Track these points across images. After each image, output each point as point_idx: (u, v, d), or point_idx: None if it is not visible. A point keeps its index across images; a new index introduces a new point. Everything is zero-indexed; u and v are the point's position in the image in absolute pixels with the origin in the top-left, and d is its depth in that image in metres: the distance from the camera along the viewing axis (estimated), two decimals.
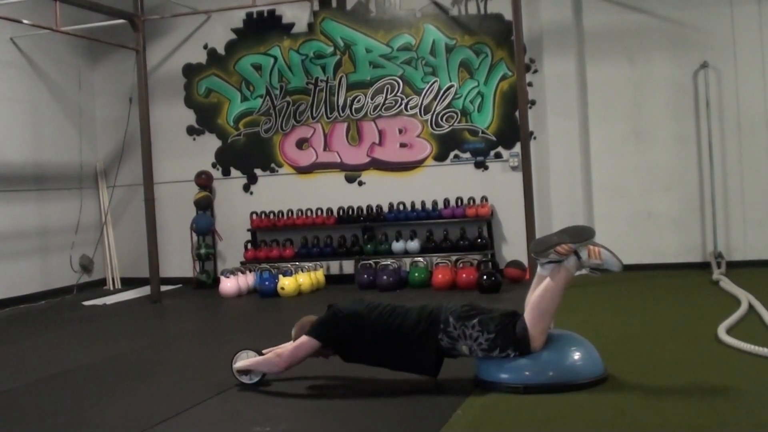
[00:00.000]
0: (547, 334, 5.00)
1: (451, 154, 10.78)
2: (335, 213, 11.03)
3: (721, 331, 6.10)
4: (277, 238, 11.25)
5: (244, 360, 5.51)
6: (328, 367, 5.78)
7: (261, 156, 11.47)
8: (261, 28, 11.40)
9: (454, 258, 10.19)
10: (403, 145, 10.96)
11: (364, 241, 10.81)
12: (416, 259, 10.37)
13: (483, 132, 10.64)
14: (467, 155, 10.72)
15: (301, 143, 11.31)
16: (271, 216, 11.29)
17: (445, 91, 10.73)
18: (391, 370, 5.35)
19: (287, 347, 5.38)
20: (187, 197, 11.49)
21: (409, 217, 10.70)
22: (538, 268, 5.23)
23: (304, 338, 5.28)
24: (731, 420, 4.25)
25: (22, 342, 8.03)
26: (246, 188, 11.59)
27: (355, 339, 5.25)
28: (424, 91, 10.80)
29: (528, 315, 5.00)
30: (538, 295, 5.05)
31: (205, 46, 11.64)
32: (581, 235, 5.12)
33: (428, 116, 10.81)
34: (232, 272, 10.49)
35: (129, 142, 11.74)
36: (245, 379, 5.51)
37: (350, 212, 10.97)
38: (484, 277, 9.39)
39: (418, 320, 5.16)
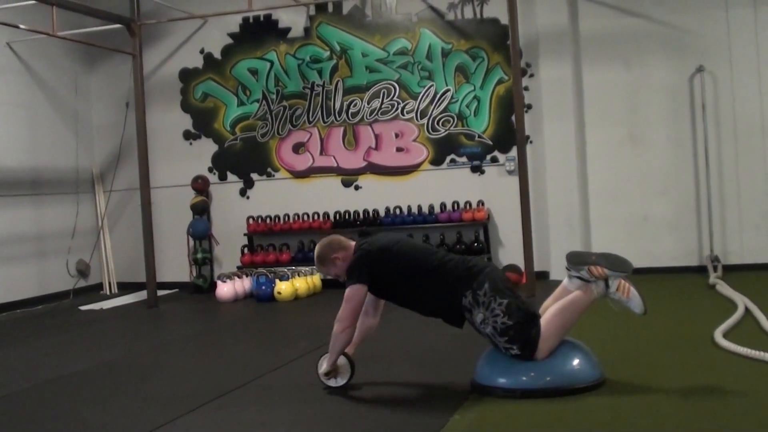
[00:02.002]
0: (553, 350, 4.98)
1: (448, 159, 10.78)
2: (332, 217, 11.03)
3: (718, 335, 6.10)
4: (273, 243, 11.24)
5: (324, 362, 5.38)
6: None
7: (257, 160, 11.47)
8: (257, 32, 11.41)
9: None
10: (399, 150, 10.96)
11: None
12: None
13: (479, 136, 10.65)
14: (464, 159, 10.73)
15: (298, 148, 11.31)
16: (268, 220, 11.28)
17: (441, 96, 10.74)
18: (418, 312, 5.30)
19: (340, 310, 5.22)
20: (184, 202, 11.49)
21: (405, 222, 10.70)
22: (565, 279, 5.24)
23: (349, 289, 5.16)
24: (728, 423, 4.25)
25: (18, 347, 8.02)
26: (242, 193, 11.58)
27: (388, 273, 5.17)
28: (421, 95, 10.81)
29: (544, 325, 4.99)
30: (558, 309, 5.05)
31: (202, 51, 11.64)
32: (619, 266, 5.14)
33: (424, 120, 10.82)
34: (229, 277, 10.48)
35: (125, 147, 11.73)
36: (333, 383, 5.37)
37: (347, 216, 10.97)
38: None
39: (456, 268, 5.12)
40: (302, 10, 11.14)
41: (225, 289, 10.31)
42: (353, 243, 5.39)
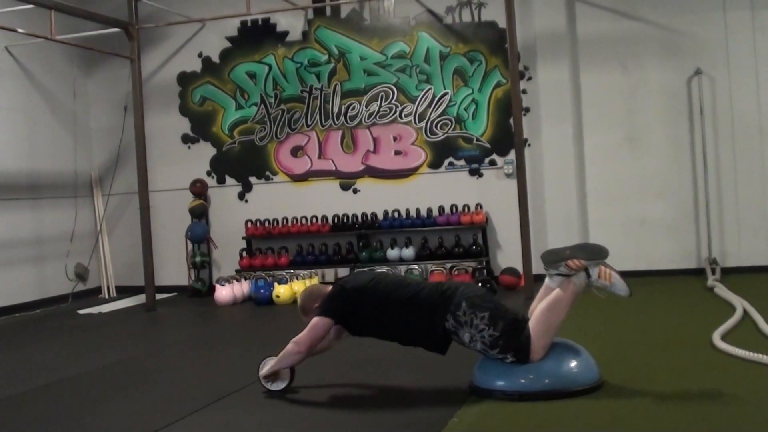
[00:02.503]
0: (547, 349, 4.99)
1: (446, 162, 10.79)
2: (330, 221, 11.04)
3: (716, 338, 6.11)
4: (272, 246, 11.24)
5: (267, 366, 5.46)
6: (324, 374, 5.79)
7: (256, 164, 11.47)
8: (255, 36, 11.42)
9: (449, 265, 10.20)
10: (397, 153, 10.97)
11: (359, 249, 10.81)
12: (411, 266, 10.37)
13: (477, 139, 10.66)
14: (462, 162, 10.74)
15: (296, 151, 11.32)
16: (266, 224, 11.29)
17: (439, 99, 10.75)
18: (399, 344, 5.32)
19: (301, 333, 5.29)
20: (182, 205, 11.50)
21: (404, 225, 10.71)
22: (546, 279, 5.23)
23: (315, 319, 5.22)
24: (726, 426, 4.26)
25: (17, 351, 8.01)
26: (241, 196, 11.59)
27: (364, 311, 5.20)
28: (419, 98, 10.82)
29: (533, 327, 4.99)
30: (545, 308, 5.04)
31: (200, 55, 11.65)
32: (595, 253, 5.13)
33: (423, 124, 10.83)
34: (227, 280, 10.49)
35: (124, 151, 11.74)
36: (272, 386, 5.45)
37: (345, 220, 10.98)
38: (479, 284, 9.40)
39: (430, 296, 5.13)
40: (300, 13, 11.15)
41: (223, 293, 10.31)
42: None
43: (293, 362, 5.35)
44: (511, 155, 10.15)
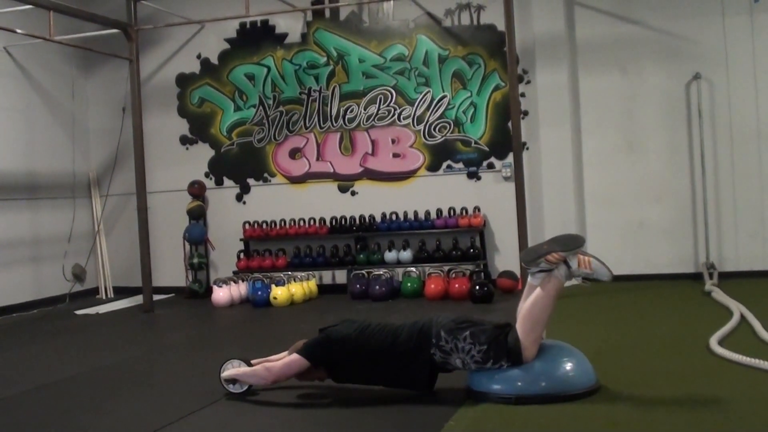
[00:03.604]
0: (539, 344, 5.00)
1: (444, 165, 10.79)
2: (328, 223, 11.03)
3: (713, 342, 6.11)
4: (269, 248, 11.24)
5: (232, 370, 5.53)
6: None
7: (254, 166, 11.47)
8: (254, 38, 11.42)
9: (446, 268, 10.20)
10: (395, 156, 10.97)
11: (356, 251, 10.81)
12: (409, 269, 10.36)
13: (476, 142, 10.66)
14: (460, 165, 10.74)
15: (294, 153, 11.32)
16: (264, 226, 11.28)
17: (437, 102, 10.76)
18: (385, 387, 5.35)
19: (277, 363, 5.39)
20: (180, 207, 11.49)
21: (401, 227, 10.70)
22: (529, 278, 5.24)
23: (294, 356, 5.30)
24: (723, 430, 4.25)
25: (14, 351, 8.00)
26: (239, 198, 11.58)
27: (346, 361, 5.26)
28: (417, 101, 10.82)
29: (520, 325, 5.01)
30: (530, 304, 5.06)
31: (199, 56, 11.65)
32: (571, 243, 5.12)
33: (421, 126, 10.83)
34: (225, 282, 10.48)
35: (122, 152, 11.74)
36: (232, 388, 5.53)
37: (343, 222, 10.97)
38: (477, 287, 9.40)
39: (410, 337, 5.17)
40: (299, 15, 11.15)
41: (221, 294, 10.31)
42: None
43: (256, 384, 5.46)
44: (510, 158, 10.16)
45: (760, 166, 9.84)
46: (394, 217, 10.81)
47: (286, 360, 5.34)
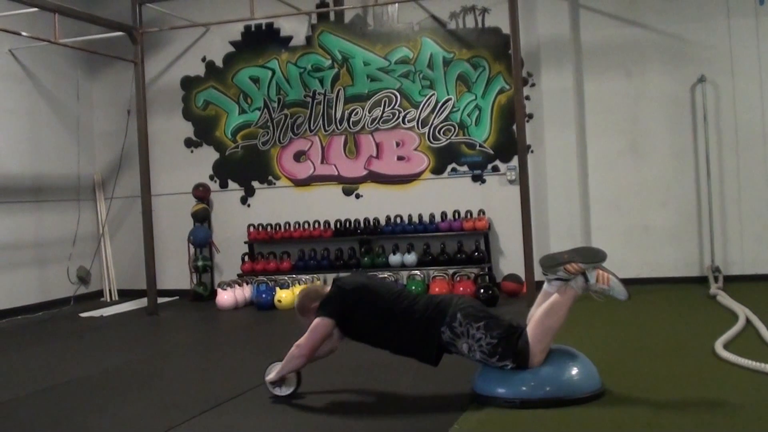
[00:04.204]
0: (546, 353, 4.98)
1: (449, 168, 10.79)
2: (332, 226, 11.03)
3: (719, 346, 6.09)
4: (274, 251, 11.24)
5: (274, 370, 5.45)
6: (325, 379, 5.78)
7: (258, 168, 11.47)
8: (259, 40, 11.43)
9: (451, 271, 10.18)
10: (400, 158, 10.97)
11: (361, 254, 10.80)
12: (413, 272, 10.35)
13: (480, 145, 10.65)
14: (465, 168, 10.73)
15: (299, 156, 11.32)
16: (269, 228, 11.29)
17: (442, 105, 10.75)
18: (392, 353, 5.32)
19: (303, 337, 5.30)
20: (185, 209, 11.49)
21: (406, 230, 10.69)
22: (545, 284, 5.22)
23: (316, 321, 5.22)
24: None
25: (18, 353, 8.01)
26: (243, 201, 11.59)
27: (361, 313, 5.20)
28: (422, 104, 10.82)
29: (531, 331, 4.99)
30: (543, 312, 5.04)
31: (203, 59, 11.66)
32: (592, 257, 5.11)
33: (426, 129, 10.82)
34: (229, 284, 10.48)
35: (127, 154, 11.74)
36: (278, 392, 5.44)
37: (347, 225, 10.97)
38: (481, 290, 9.39)
39: (426, 307, 5.14)
40: (304, 18, 11.16)
41: (225, 297, 10.31)
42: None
43: (297, 366, 5.34)
44: (514, 161, 10.15)
45: (766, 170, 9.82)
46: (398, 220, 10.81)
47: (309, 329, 5.25)
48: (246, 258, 11.24)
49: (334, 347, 5.64)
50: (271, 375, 5.44)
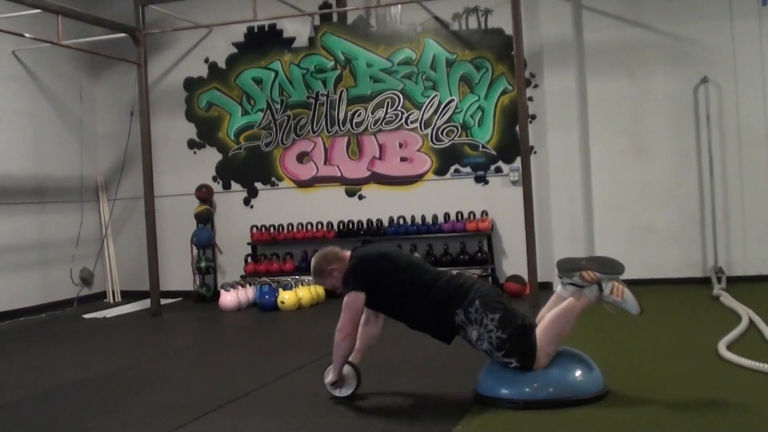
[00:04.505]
0: (552, 357, 4.97)
1: (452, 169, 10.79)
2: (335, 227, 11.03)
3: (722, 347, 6.09)
4: (277, 252, 11.25)
5: (331, 372, 5.38)
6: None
7: (261, 170, 11.48)
8: (262, 42, 11.43)
9: (454, 272, 10.14)
10: (403, 159, 10.97)
11: None
12: None
13: (483, 146, 10.66)
14: (467, 169, 10.73)
15: (302, 157, 11.32)
16: (272, 230, 11.29)
17: (445, 106, 10.75)
18: (408, 327, 5.30)
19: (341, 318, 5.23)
20: (188, 210, 11.49)
21: (409, 231, 10.70)
22: (558, 287, 5.22)
23: (346, 299, 5.17)
24: None
25: (21, 355, 8.02)
26: (246, 202, 11.59)
27: (382, 283, 5.18)
28: (425, 105, 10.82)
29: (539, 334, 4.98)
30: (554, 317, 5.03)
31: (206, 60, 11.67)
32: (610, 268, 5.11)
33: (428, 130, 10.83)
34: (232, 286, 10.48)
35: (130, 156, 11.75)
36: (339, 393, 5.36)
37: (350, 226, 10.97)
38: None
39: (447, 286, 5.15)
40: (307, 20, 11.17)
41: (228, 298, 10.31)
42: (348, 253, 5.41)
43: (347, 348, 5.24)
44: (517, 162, 10.13)
45: None
46: (401, 221, 10.81)
47: (343, 308, 5.19)
48: (249, 259, 11.24)
49: (375, 333, 5.55)
50: (330, 376, 5.37)
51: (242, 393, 5.71)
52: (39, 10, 9.06)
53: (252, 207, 11.58)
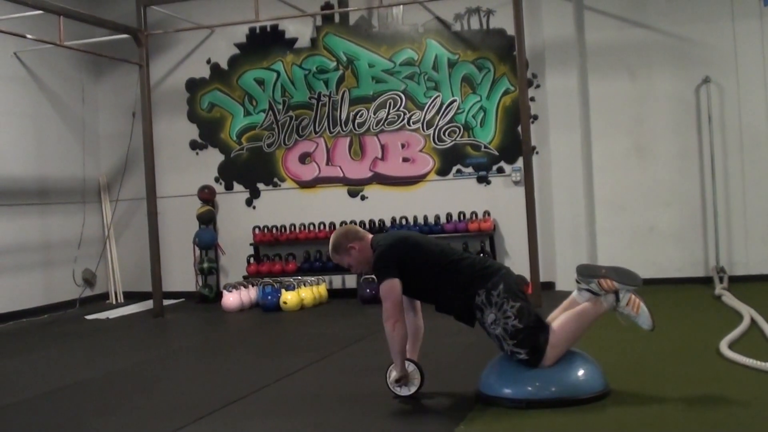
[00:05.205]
0: (558, 359, 4.97)
1: (454, 169, 10.79)
2: (338, 227, 11.00)
3: (724, 346, 6.09)
4: (279, 253, 11.26)
5: (393, 371, 5.33)
6: (330, 381, 5.78)
7: (264, 170, 11.49)
8: (264, 42, 11.44)
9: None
10: (405, 160, 10.97)
11: None
12: None
13: (485, 147, 10.66)
14: (470, 170, 10.73)
15: (304, 158, 11.33)
16: (274, 230, 11.29)
17: (447, 106, 10.76)
18: (435, 309, 5.29)
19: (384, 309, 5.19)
20: (190, 211, 11.50)
21: None
22: (574, 292, 5.24)
23: (383, 288, 5.15)
24: None
25: (24, 356, 8.03)
26: (248, 202, 11.60)
27: (411, 264, 5.17)
28: (427, 105, 10.82)
29: (553, 333, 4.99)
30: (570, 318, 5.06)
31: (208, 61, 11.67)
32: (629, 279, 5.14)
33: (431, 131, 10.83)
34: (235, 286, 10.48)
35: (132, 157, 11.76)
36: (403, 391, 5.31)
37: None
38: None
39: (473, 266, 5.16)
40: (309, 20, 11.17)
41: (231, 299, 10.31)
42: (369, 235, 5.44)
43: (400, 337, 5.17)
44: (519, 163, 10.13)
45: None
46: (404, 221, 10.81)
47: (382, 298, 5.17)
48: (251, 260, 11.25)
49: (420, 324, 5.52)
50: (394, 373, 5.32)
51: (245, 393, 5.72)
52: (41, 12, 9.08)
53: (254, 208, 11.59)
